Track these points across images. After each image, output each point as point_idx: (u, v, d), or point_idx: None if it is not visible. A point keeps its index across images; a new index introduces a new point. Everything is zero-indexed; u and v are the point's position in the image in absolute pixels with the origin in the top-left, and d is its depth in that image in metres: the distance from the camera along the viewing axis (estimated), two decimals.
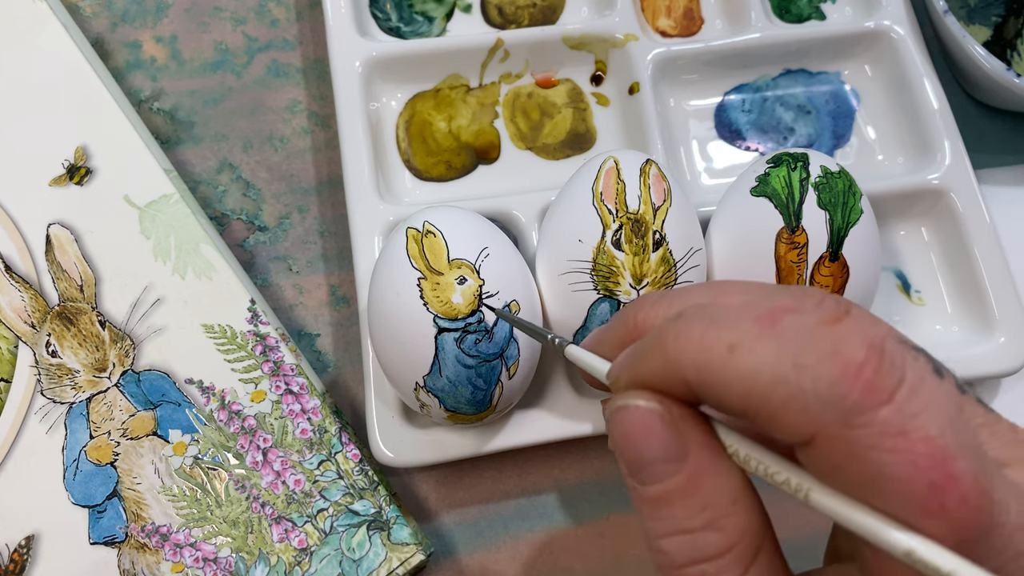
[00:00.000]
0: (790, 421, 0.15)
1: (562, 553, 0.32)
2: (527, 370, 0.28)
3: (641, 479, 0.18)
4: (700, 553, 0.17)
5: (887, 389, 0.15)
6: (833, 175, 0.29)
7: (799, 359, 0.15)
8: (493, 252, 0.27)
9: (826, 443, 0.15)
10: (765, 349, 0.15)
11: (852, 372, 0.15)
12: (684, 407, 0.18)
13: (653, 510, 0.18)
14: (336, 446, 0.30)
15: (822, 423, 0.15)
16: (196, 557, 0.29)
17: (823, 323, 0.15)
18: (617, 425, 0.18)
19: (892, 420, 0.14)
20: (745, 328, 0.16)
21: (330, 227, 0.36)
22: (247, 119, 0.37)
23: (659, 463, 0.17)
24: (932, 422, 0.14)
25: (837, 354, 0.15)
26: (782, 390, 0.15)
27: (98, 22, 0.37)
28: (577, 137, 0.37)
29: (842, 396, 0.15)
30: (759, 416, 0.16)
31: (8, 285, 0.31)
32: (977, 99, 0.39)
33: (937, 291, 0.35)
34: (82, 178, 0.33)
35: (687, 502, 0.17)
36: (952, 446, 0.14)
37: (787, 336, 0.15)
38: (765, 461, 0.17)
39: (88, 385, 0.30)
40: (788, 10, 0.39)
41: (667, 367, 0.17)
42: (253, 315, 0.32)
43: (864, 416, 0.14)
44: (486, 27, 0.38)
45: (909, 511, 0.14)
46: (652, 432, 0.17)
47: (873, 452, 0.14)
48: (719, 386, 0.16)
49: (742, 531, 0.17)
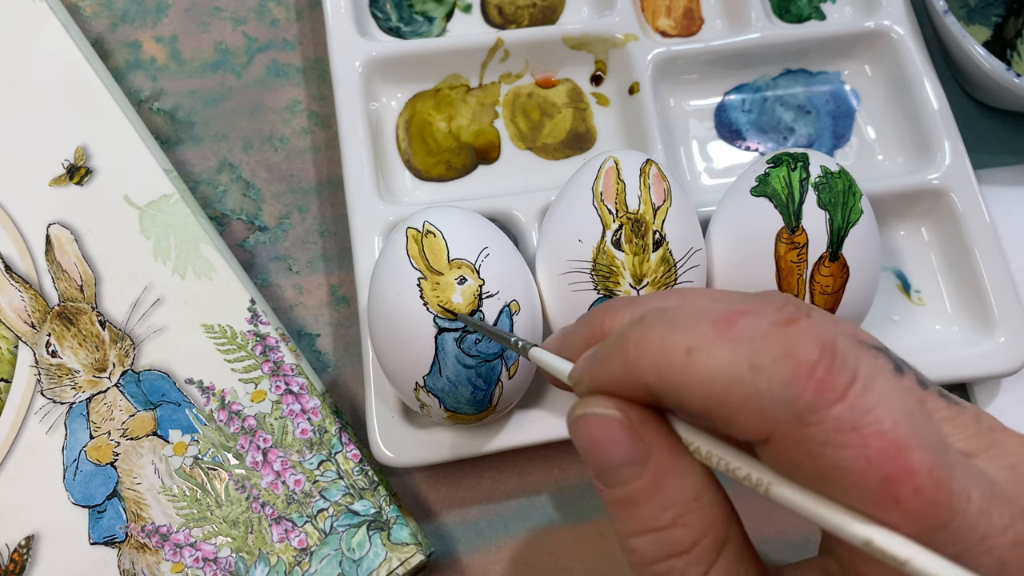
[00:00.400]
0: (747, 421, 0.16)
1: (562, 553, 0.32)
2: (527, 370, 0.28)
3: (607, 482, 0.18)
4: (668, 549, 0.18)
5: (839, 387, 0.15)
6: (833, 175, 0.29)
7: (754, 360, 0.15)
8: (493, 252, 0.27)
9: (782, 441, 0.15)
10: (721, 352, 0.16)
11: (805, 372, 0.15)
12: (644, 410, 0.18)
13: (621, 511, 0.18)
14: (336, 446, 0.30)
15: (777, 422, 0.15)
16: (196, 557, 0.29)
17: (777, 325, 0.16)
18: (580, 433, 0.19)
19: (844, 416, 0.15)
20: (702, 331, 0.16)
21: (330, 227, 0.36)
22: (247, 119, 0.37)
23: (622, 467, 0.18)
24: (886, 416, 0.15)
25: (790, 355, 0.15)
26: (738, 391, 0.15)
27: (98, 22, 0.37)
28: (577, 137, 0.37)
29: (795, 396, 0.15)
30: (718, 417, 0.16)
31: (8, 285, 0.31)
32: (977, 99, 0.39)
33: (937, 291, 0.35)
34: (82, 178, 0.33)
35: (651, 502, 0.18)
36: (906, 439, 0.15)
37: (742, 338, 0.16)
38: (726, 457, 0.17)
39: (88, 385, 0.30)
40: (788, 10, 0.39)
41: (627, 371, 0.17)
42: (253, 315, 0.32)
43: (817, 414, 0.15)
44: (486, 27, 0.38)
45: (866, 504, 0.15)
46: (613, 439, 0.18)
47: (827, 448, 0.15)
48: (679, 389, 0.16)
49: (707, 526, 0.17)
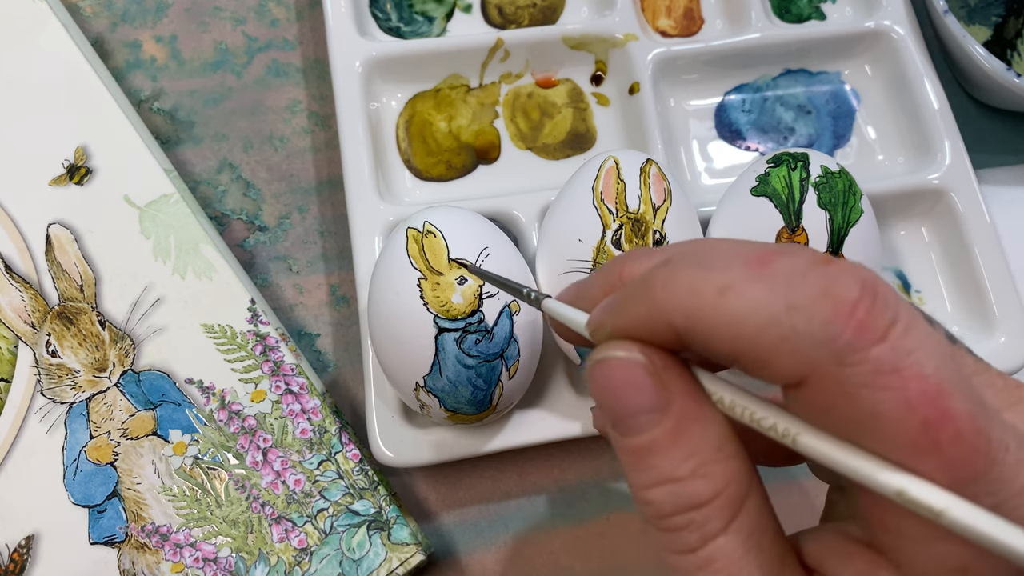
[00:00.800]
0: (782, 364, 0.15)
1: (562, 553, 0.32)
2: (527, 370, 0.28)
3: (624, 430, 0.18)
4: (687, 501, 0.17)
5: (880, 327, 0.14)
6: (833, 175, 0.29)
7: (791, 299, 0.15)
8: (493, 252, 0.27)
9: (818, 383, 0.15)
10: (756, 291, 0.15)
11: (845, 311, 0.14)
12: (667, 355, 0.17)
13: (637, 461, 0.17)
14: (336, 446, 0.30)
15: (815, 363, 0.15)
16: (196, 557, 0.29)
17: (816, 264, 0.15)
18: (599, 378, 0.18)
19: (885, 358, 0.14)
20: (736, 271, 0.16)
21: (330, 227, 0.36)
22: (247, 119, 0.37)
23: (643, 414, 0.17)
24: (927, 360, 0.14)
25: (830, 293, 0.15)
26: (774, 331, 0.15)
27: (98, 22, 0.37)
28: (577, 137, 0.37)
29: (835, 335, 0.14)
30: (750, 360, 0.16)
31: (8, 285, 0.31)
32: (977, 99, 0.39)
33: (937, 291, 0.35)
34: (82, 178, 0.33)
35: (672, 451, 0.17)
36: (947, 383, 0.14)
37: (779, 277, 0.15)
38: (751, 407, 0.17)
39: (88, 385, 0.30)
40: (788, 10, 0.39)
41: (653, 313, 0.17)
42: (253, 315, 0.32)
43: (858, 355, 0.14)
44: (486, 27, 0.38)
45: (902, 450, 0.14)
46: (635, 384, 0.17)
47: (866, 390, 0.14)
48: (708, 331, 0.16)
49: (728, 478, 0.17)
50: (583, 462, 0.33)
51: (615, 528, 0.32)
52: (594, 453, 0.33)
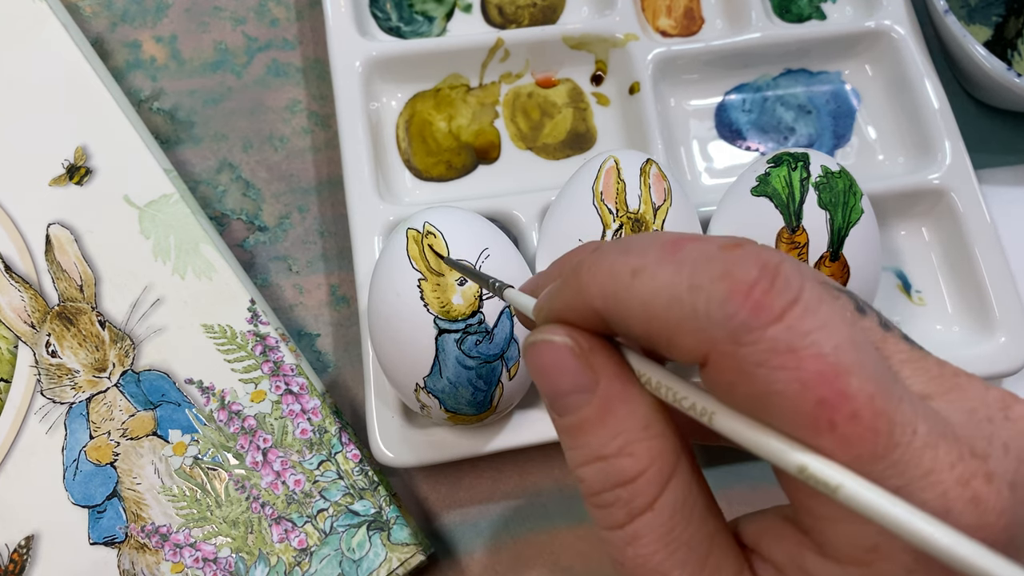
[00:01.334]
0: (685, 342, 0.16)
1: (562, 553, 0.32)
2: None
3: (558, 410, 0.18)
4: (614, 478, 0.17)
5: (777, 308, 0.15)
6: (834, 175, 0.29)
7: (694, 280, 0.15)
8: (493, 253, 0.27)
9: (718, 362, 0.15)
10: (664, 272, 0.16)
11: (742, 291, 0.15)
12: (594, 338, 0.18)
13: (571, 439, 0.18)
14: (336, 446, 0.30)
15: (713, 342, 0.15)
16: (196, 557, 0.29)
17: (723, 248, 0.16)
18: (531, 359, 0.19)
19: (781, 337, 0.14)
20: (651, 255, 0.16)
21: (330, 227, 0.36)
22: (247, 119, 0.37)
23: (572, 394, 0.18)
24: (826, 341, 0.14)
25: (729, 274, 0.15)
26: (677, 311, 0.15)
27: (98, 22, 0.37)
28: (577, 137, 0.37)
29: (731, 314, 0.15)
30: (659, 339, 0.16)
31: (8, 285, 0.31)
32: (977, 99, 0.39)
33: (937, 291, 0.35)
34: (82, 178, 0.33)
35: (599, 430, 0.18)
36: (846, 364, 0.14)
37: (686, 261, 0.16)
38: (674, 387, 0.17)
39: (88, 385, 0.30)
40: (788, 10, 0.39)
41: (578, 297, 0.17)
42: (253, 315, 0.32)
43: (752, 334, 0.15)
44: (486, 27, 0.38)
45: (800, 429, 0.15)
46: (562, 365, 0.18)
47: (761, 369, 0.15)
48: (623, 311, 0.16)
49: (653, 456, 0.17)
50: None
51: None
52: None
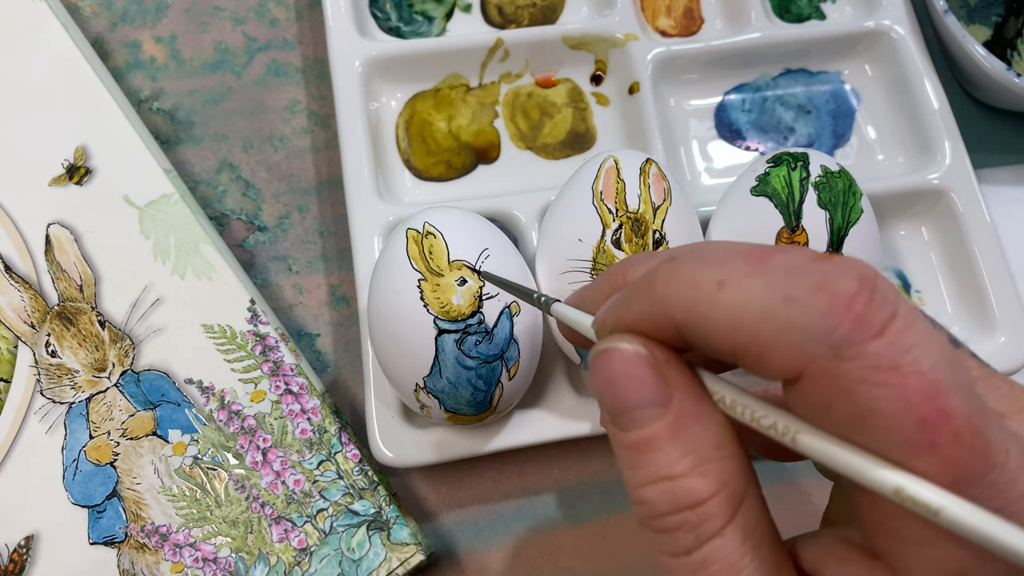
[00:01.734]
0: (779, 357, 0.15)
1: (562, 553, 0.32)
2: (527, 371, 0.28)
3: (623, 424, 0.17)
4: (683, 500, 0.16)
5: (879, 322, 0.14)
6: (833, 175, 0.29)
7: (789, 292, 0.15)
8: (493, 253, 0.27)
9: (814, 378, 0.15)
10: (754, 284, 0.15)
11: (843, 304, 0.14)
12: (669, 351, 0.17)
13: (634, 457, 0.17)
14: (336, 446, 0.30)
15: (811, 357, 0.14)
16: (196, 557, 0.29)
17: (814, 259, 0.15)
18: (600, 369, 0.18)
19: (883, 353, 0.14)
20: (735, 266, 0.16)
21: (330, 227, 0.36)
22: (247, 119, 0.37)
23: (642, 408, 0.17)
24: (925, 358, 0.14)
25: (827, 286, 0.14)
26: (770, 325, 0.15)
27: (98, 22, 0.37)
28: (577, 137, 0.37)
29: (832, 328, 0.14)
30: (747, 353, 0.15)
31: (8, 285, 0.31)
32: (977, 99, 0.39)
33: (937, 291, 0.35)
34: (82, 178, 0.33)
35: (670, 447, 0.17)
36: (945, 382, 0.14)
37: (777, 271, 0.15)
38: (751, 406, 0.16)
39: (88, 385, 0.30)
40: (788, 10, 0.39)
41: (655, 308, 0.17)
42: (253, 315, 0.32)
43: (854, 349, 0.14)
44: (486, 27, 0.38)
45: (899, 448, 0.14)
46: (636, 376, 0.17)
47: (863, 386, 0.14)
48: (707, 324, 0.16)
49: (726, 478, 0.16)
50: (583, 462, 0.33)
51: (615, 528, 0.32)
52: (594, 453, 0.33)
